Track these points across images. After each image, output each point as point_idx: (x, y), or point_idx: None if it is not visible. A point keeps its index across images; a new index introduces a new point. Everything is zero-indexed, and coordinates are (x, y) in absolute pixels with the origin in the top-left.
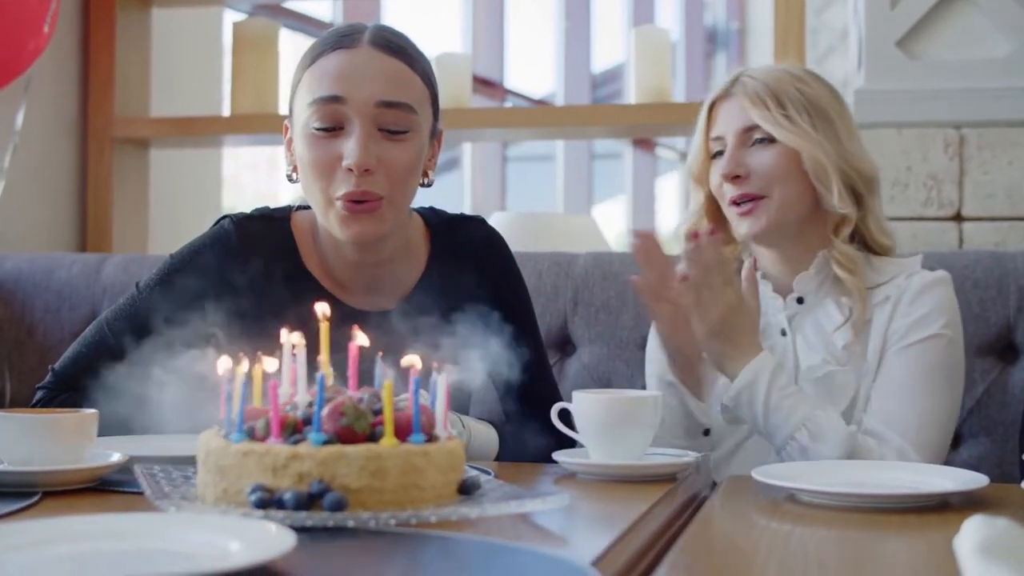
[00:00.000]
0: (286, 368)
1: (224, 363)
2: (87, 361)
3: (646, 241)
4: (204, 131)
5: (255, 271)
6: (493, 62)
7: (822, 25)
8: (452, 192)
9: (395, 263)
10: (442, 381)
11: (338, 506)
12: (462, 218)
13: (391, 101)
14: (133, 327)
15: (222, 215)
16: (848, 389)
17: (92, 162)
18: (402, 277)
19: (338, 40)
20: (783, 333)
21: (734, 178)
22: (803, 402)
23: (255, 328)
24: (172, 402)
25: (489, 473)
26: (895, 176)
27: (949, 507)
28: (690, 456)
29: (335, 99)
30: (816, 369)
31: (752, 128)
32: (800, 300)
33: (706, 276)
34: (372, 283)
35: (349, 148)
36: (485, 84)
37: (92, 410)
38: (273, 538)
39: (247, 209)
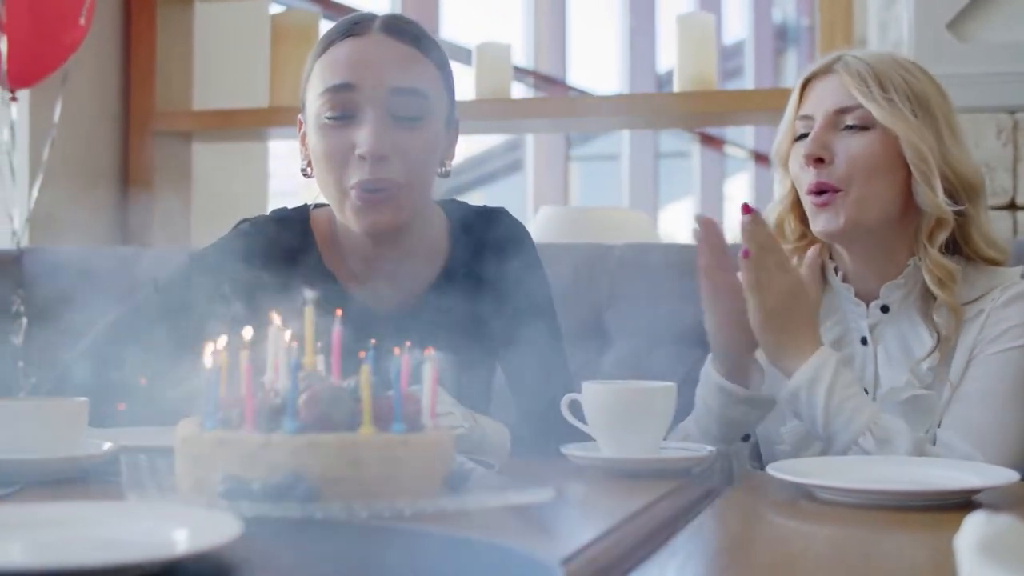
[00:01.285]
0: (270, 354)
1: (207, 349)
2: (98, 355)
3: (708, 226)
4: (245, 123)
5: (275, 273)
6: (555, 60)
7: (892, 19)
8: (514, 194)
9: (415, 257)
10: (429, 369)
11: (309, 497)
12: (484, 210)
13: (403, 87)
14: (146, 325)
15: (241, 219)
16: (932, 413)
17: (133, 155)
18: (422, 272)
19: (349, 28)
20: (863, 342)
21: (816, 161)
22: (867, 404)
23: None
24: (179, 396)
25: (493, 466)
26: None
27: (976, 505)
28: (706, 450)
29: (346, 87)
30: (899, 392)
31: (847, 110)
32: (885, 309)
33: (762, 256)
34: (392, 278)
35: (362, 136)
36: (547, 81)
37: (82, 398)
38: (218, 528)
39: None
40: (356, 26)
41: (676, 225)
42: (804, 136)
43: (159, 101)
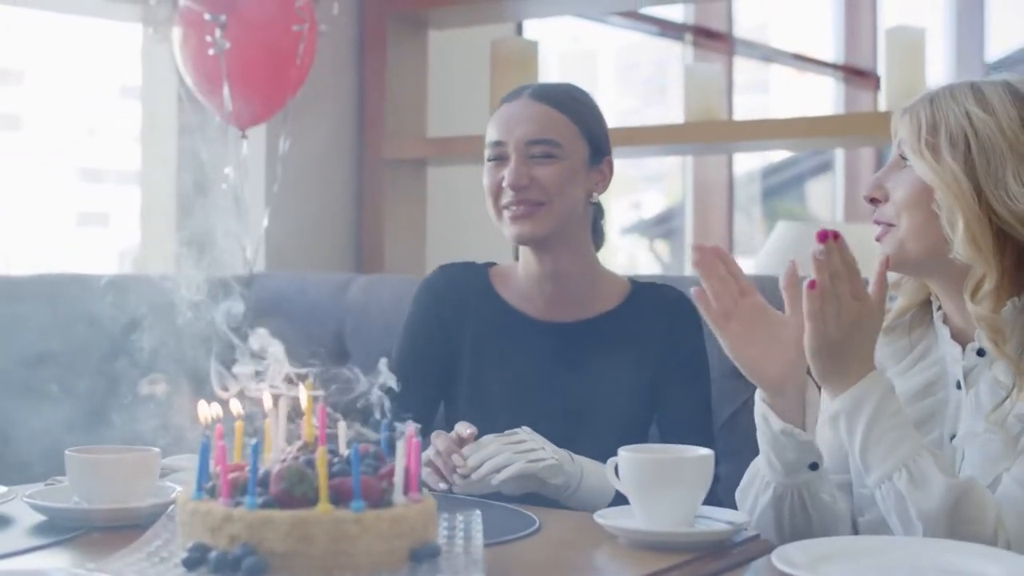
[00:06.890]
0: (273, 424)
1: (204, 411)
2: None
3: (707, 253)
4: (470, 150)
5: (460, 307)
6: (867, 51)
7: None
8: (824, 196)
9: (577, 284)
10: (403, 443)
11: (255, 570)
12: (664, 286)
13: (537, 139)
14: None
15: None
16: (1004, 460)
17: (367, 183)
18: (586, 303)
19: (509, 96)
20: (958, 386)
21: (871, 200)
22: (908, 438)
23: (461, 357)
24: None
25: (534, 522)
26: None
27: None
28: (733, 526)
29: (499, 143)
30: (970, 438)
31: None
32: (981, 352)
33: (834, 285)
34: (555, 299)
35: (507, 173)
36: (856, 74)
37: (155, 449)
38: None
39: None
40: (513, 94)
41: None
42: None
43: (391, 129)
